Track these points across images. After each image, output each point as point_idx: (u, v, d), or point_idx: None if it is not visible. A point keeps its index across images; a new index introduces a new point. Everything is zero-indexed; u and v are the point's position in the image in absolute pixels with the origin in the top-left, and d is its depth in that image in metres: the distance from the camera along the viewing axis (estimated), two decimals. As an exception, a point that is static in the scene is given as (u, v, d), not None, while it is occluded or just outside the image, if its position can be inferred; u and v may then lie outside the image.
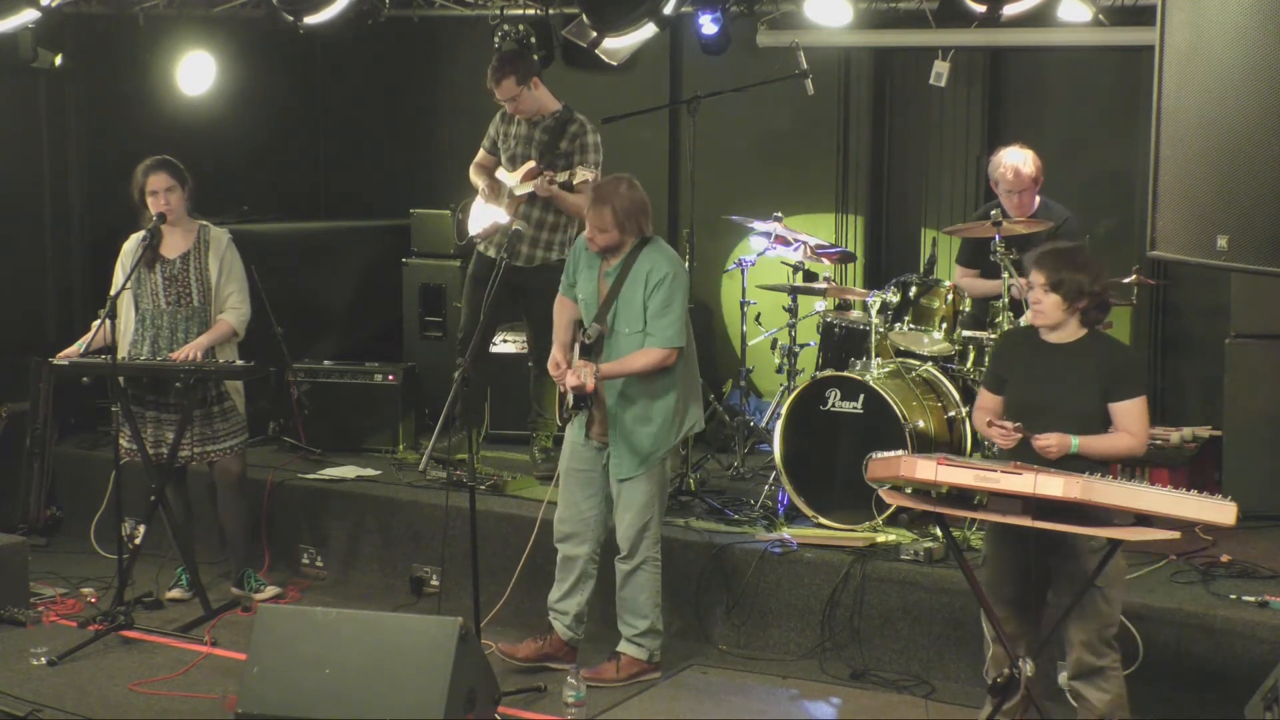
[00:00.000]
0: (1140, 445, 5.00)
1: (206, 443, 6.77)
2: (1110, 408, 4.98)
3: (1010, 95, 8.32)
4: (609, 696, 5.84)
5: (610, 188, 5.81)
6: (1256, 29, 4.47)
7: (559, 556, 6.06)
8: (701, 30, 7.71)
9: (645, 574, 5.95)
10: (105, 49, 8.41)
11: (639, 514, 5.89)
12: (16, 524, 7.59)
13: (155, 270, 6.76)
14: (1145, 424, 5.02)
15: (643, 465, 5.85)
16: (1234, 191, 4.60)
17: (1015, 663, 4.90)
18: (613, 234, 5.76)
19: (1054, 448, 4.91)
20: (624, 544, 5.93)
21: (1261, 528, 6.58)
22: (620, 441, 5.85)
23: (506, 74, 7.19)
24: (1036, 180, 6.79)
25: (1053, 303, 5.02)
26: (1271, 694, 4.80)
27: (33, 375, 7.57)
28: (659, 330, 5.75)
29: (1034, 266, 5.07)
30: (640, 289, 5.77)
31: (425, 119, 9.65)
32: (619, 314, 5.81)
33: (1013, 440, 5.01)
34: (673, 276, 5.77)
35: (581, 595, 6.04)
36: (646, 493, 5.89)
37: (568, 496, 6.02)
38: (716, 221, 8.29)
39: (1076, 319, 5.05)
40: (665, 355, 5.76)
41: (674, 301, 5.76)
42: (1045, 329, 5.10)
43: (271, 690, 5.23)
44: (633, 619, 6.00)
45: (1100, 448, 4.96)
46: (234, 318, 6.80)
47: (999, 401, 5.19)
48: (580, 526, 6.00)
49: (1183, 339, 7.89)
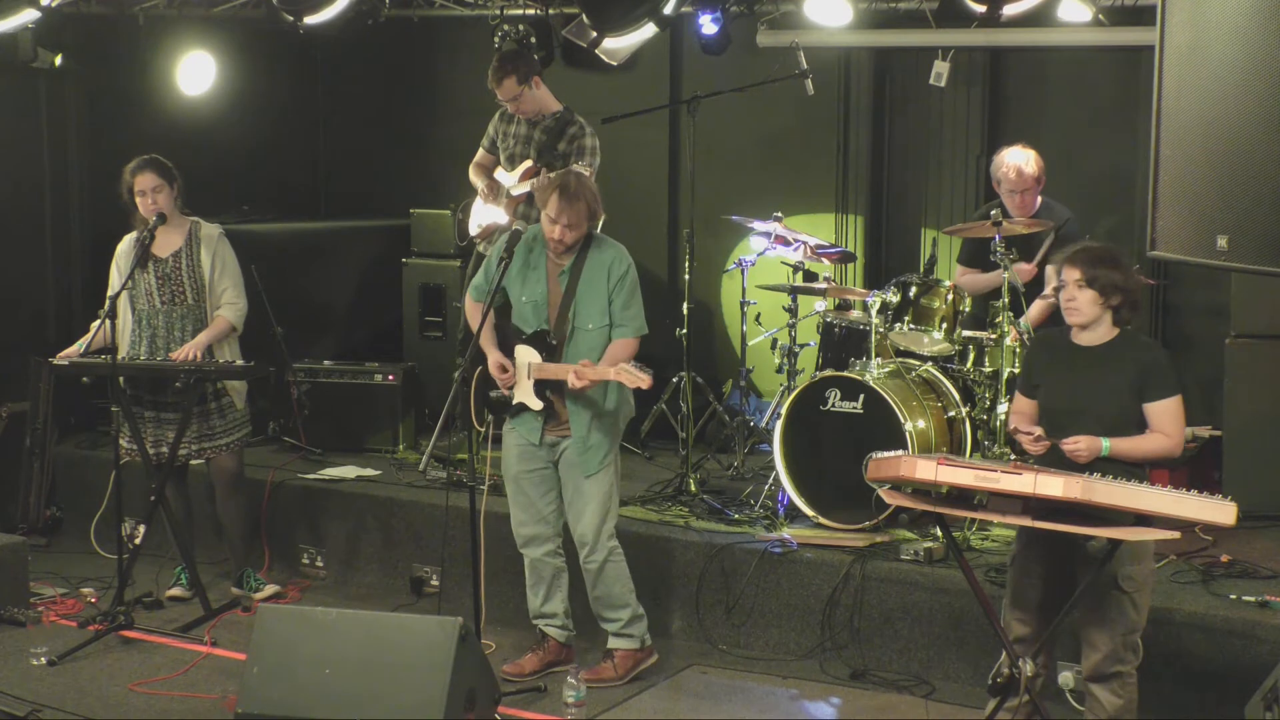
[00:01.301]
0: (1176, 446, 4.96)
1: (203, 440, 6.78)
2: (1144, 408, 4.95)
3: (1010, 95, 8.32)
4: (610, 696, 5.84)
5: (574, 182, 5.79)
6: (1256, 29, 4.47)
7: (526, 563, 6.05)
8: (701, 30, 7.71)
9: (613, 564, 5.95)
10: (105, 49, 8.41)
11: (600, 507, 5.89)
12: (16, 524, 7.59)
13: (148, 269, 6.76)
14: (1181, 424, 4.97)
15: (606, 456, 5.87)
16: (1234, 191, 4.60)
17: (1016, 663, 4.90)
18: (584, 228, 5.79)
19: (1083, 451, 4.88)
20: (589, 539, 5.90)
21: (1261, 528, 6.59)
22: (584, 437, 5.84)
23: (507, 74, 7.19)
24: (1039, 180, 6.79)
25: (1088, 299, 4.98)
26: (1271, 694, 4.80)
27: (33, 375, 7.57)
28: (629, 320, 5.84)
29: (1066, 264, 5.03)
30: (603, 284, 5.80)
31: (425, 119, 9.64)
32: (579, 310, 5.81)
33: (1041, 447, 4.98)
34: (630, 267, 5.89)
35: (561, 593, 6.05)
36: (607, 484, 5.91)
37: (524, 499, 6.00)
38: (716, 221, 8.29)
39: (1109, 318, 5.02)
40: (637, 343, 5.87)
41: (636, 292, 5.89)
42: (1076, 330, 5.07)
43: (271, 690, 5.23)
44: (612, 613, 6.00)
45: (1133, 449, 4.92)
46: (231, 313, 6.80)
47: (1033, 406, 5.16)
48: (541, 527, 5.99)
49: (1183, 339, 7.89)
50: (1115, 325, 5.04)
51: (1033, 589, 5.13)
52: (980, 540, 6.38)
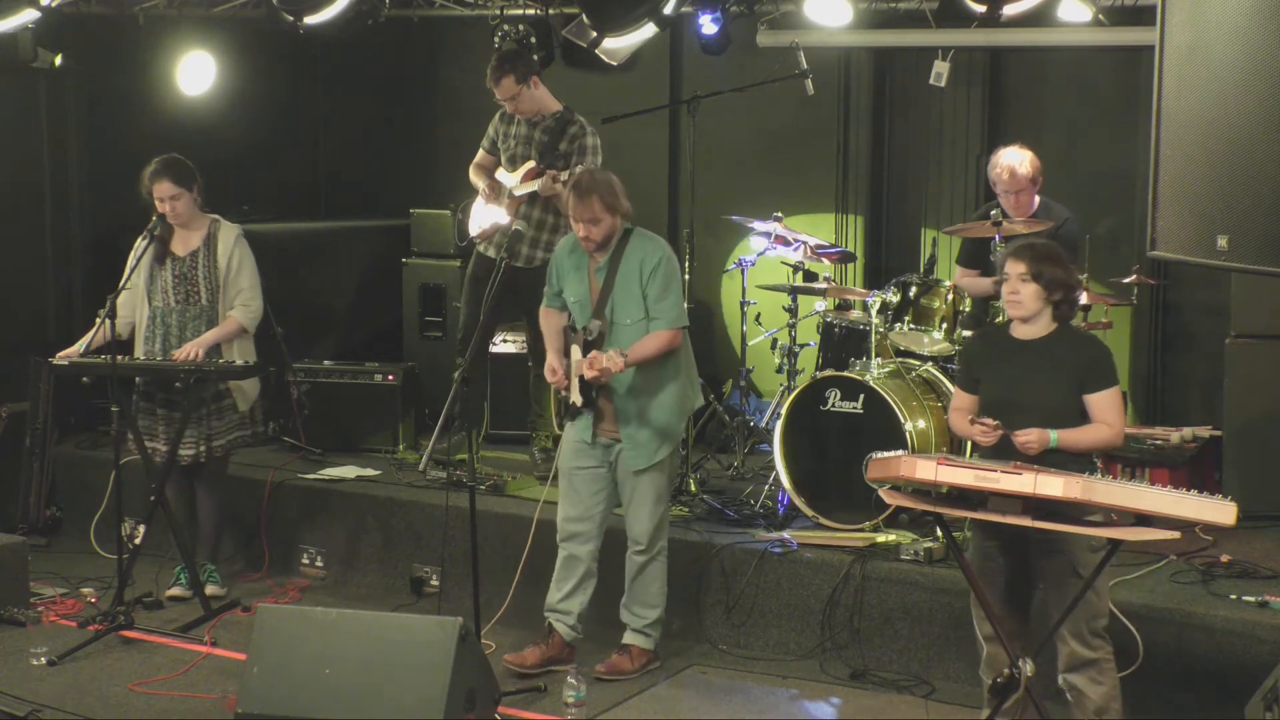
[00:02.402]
0: (1117, 435, 5.05)
1: (199, 442, 6.76)
2: (1085, 400, 5.02)
3: (1010, 95, 8.32)
4: (609, 696, 5.84)
5: (584, 179, 5.88)
6: (1256, 29, 4.47)
7: (561, 556, 6.05)
8: (701, 30, 7.71)
9: (658, 564, 6.02)
10: (105, 49, 8.41)
11: (655, 506, 5.94)
12: (16, 524, 7.60)
13: (166, 267, 6.77)
14: (1121, 414, 5.06)
15: (658, 453, 5.89)
16: (1234, 191, 4.60)
17: (1015, 663, 4.90)
18: (605, 221, 5.79)
19: (1034, 443, 4.94)
20: (642, 538, 5.96)
21: (1261, 528, 6.58)
22: (633, 434, 5.87)
23: (505, 73, 7.19)
24: (1034, 180, 6.77)
25: (1031, 292, 5.05)
26: (1271, 694, 4.79)
27: (33, 375, 7.59)
28: (664, 313, 5.81)
29: (1011, 257, 5.12)
30: (636, 278, 5.81)
31: (425, 119, 9.64)
32: (617, 306, 5.84)
33: (994, 437, 5.03)
34: (666, 259, 5.84)
35: (584, 595, 6.05)
36: (660, 485, 5.95)
37: (575, 496, 6.02)
38: (716, 221, 8.29)
39: (1049, 312, 5.09)
40: (674, 335, 5.84)
41: (672, 284, 5.84)
42: (1017, 324, 5.14)
43: (271, 690, 5.23)
44: (642, 610, 6.04)
45: (1078, 440, 4.99)
46: (243, 315, 6.79)
47: (974, 401, 5.22)
48: (588, 525, 6.01)
49: (1183, 339, 7.89)
50: (1054, 320, 5.11)
51: (995, 580, 5.16)
52: (980, 540, 6.38)
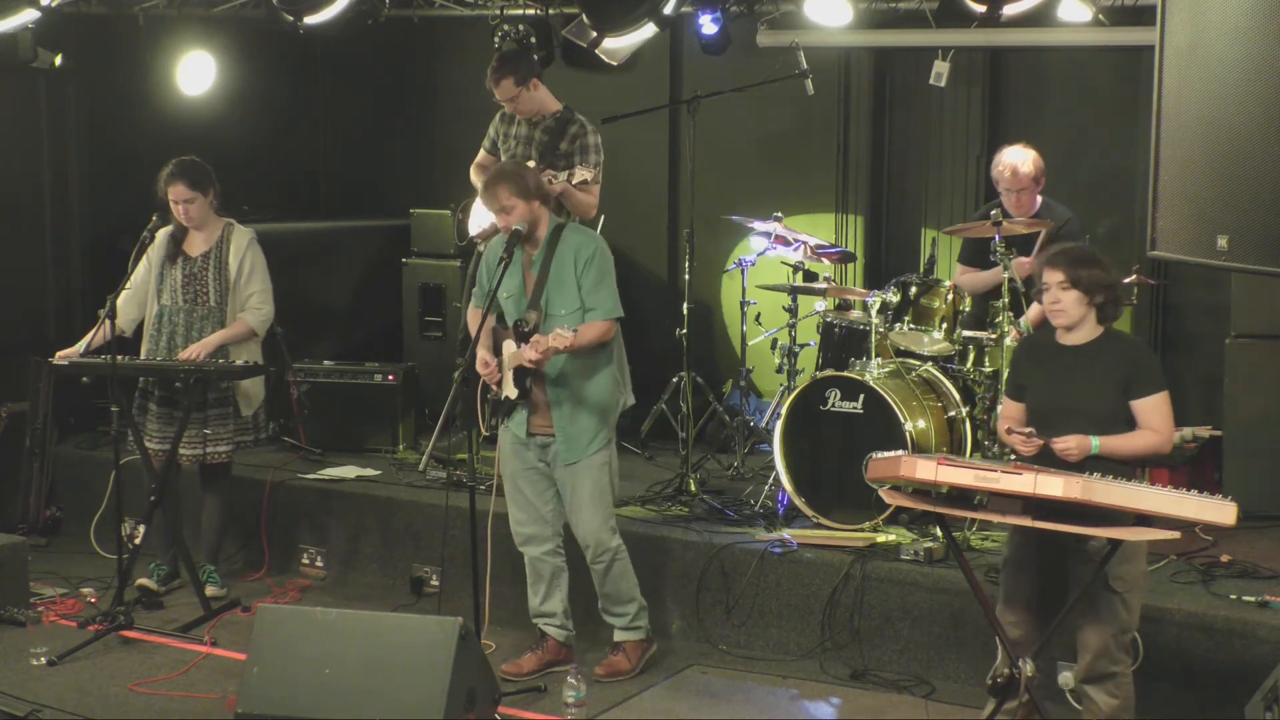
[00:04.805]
0: (1165, 442, 4.97)
1: (196, 445, 6.76)
2: (1132, 405, 4.96)
3: (1010, 95, 8.32)
4: (609, 696, 5.84)
5: (494, 170, 5.94)
6: (1256, 29, 4.47)
7: (526, 562, 6.05)
8: (701, 30, 7.71)
9: (621, 563, 5.98)
10: (105, 49, 8.41)
11: (595, 506, 5.88)
12: (16, 524, 7.60)
13: (177, 266, 6.77)
14: (1169, 420, 4.98)
15: (590, 445, 5.84)
16: (1234, 191, 4.60)
17: (1015, 663, 4.90)
18: (519, 207, 5.74)
19: (1074, 450, 4.89)
20: (591, 542, 5.91)
21: (1261, 528, 6.58)
22: (565, 425, 5.84)
23: (505, 74, 7.18)
24: (1037, 180, 6.78)
25: (1073, 299, 5.00)
26: (1271, 694, 4.80)
27: (33, 375, 7.59)
28: (599, 303, 5.80)
29: (1047, 267, 5.05)
30: (570, 269, 5.79)
31: (425, 119, 9.64)
32: (551, 297, 5.81)
33: (1033, 447, 4.98)
34: (600, 251, 5.85)
35: (561, 592, 6.05)
36: (598, 481, 5.89)
37: (521, 499, 6.00)
38: (716, 221, 8.29)
39: (1093, 316, 5.03)
40: (609, 326, 5.83)
41: (606, 275, 5.83)
42: (1062, 331, 5.09)
43: (271, 690, 5.23)
44: (620, 609, 6.03)
45: (1122, 447, 4.92)
46: (253, 318, 6.78)
47: (1021, 409, 5.17)
48: (539, 526, 6.00)
49: (1183, 339, 7.89)
50: (1100, 324, 5.06)
51: (1027, 590, 5.13)
52: (980, 540, 6.38)
